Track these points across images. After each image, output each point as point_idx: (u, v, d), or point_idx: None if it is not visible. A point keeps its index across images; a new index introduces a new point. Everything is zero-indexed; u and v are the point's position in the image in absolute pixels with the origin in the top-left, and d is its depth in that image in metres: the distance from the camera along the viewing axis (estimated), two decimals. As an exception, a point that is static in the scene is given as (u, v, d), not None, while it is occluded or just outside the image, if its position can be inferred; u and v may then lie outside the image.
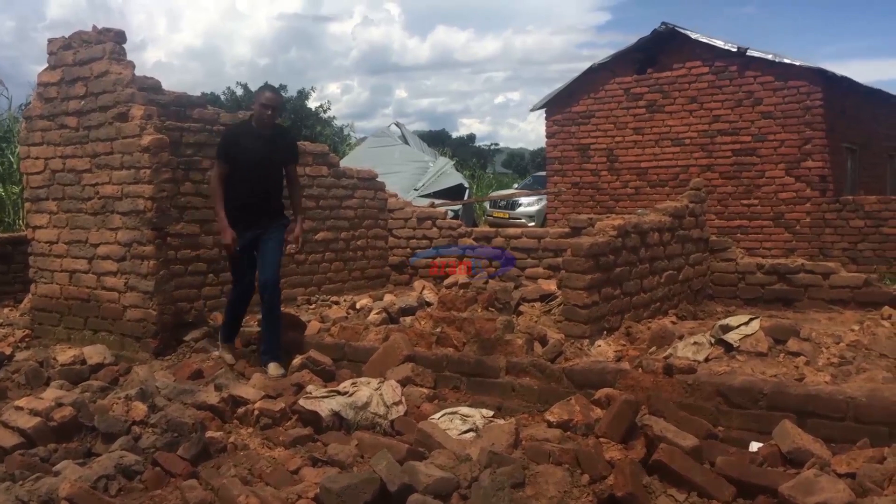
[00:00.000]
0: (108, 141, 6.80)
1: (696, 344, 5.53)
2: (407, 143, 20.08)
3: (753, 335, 5.43)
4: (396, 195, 10.41)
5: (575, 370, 4.86)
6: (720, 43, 13.36)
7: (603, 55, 14.76)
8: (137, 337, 6.65)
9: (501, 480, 3.37)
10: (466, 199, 18.98)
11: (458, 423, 4.42)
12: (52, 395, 4.86)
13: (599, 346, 5.89)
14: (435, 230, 9.67)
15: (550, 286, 7.07)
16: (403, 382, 5.05)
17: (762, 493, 3.34)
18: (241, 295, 6.14)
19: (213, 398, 4.82)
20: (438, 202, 15.02)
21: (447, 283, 8.08)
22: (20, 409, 4.63)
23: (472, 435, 4.25)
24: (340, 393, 4.77)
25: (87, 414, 4.54)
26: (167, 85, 7.06)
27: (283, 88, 28.86)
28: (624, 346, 5.95)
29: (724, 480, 3.46)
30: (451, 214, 12.83)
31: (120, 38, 6.85)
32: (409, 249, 9.77)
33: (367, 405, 4.65)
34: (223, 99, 29.10)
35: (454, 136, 62.81)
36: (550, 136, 15.40)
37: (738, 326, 5.55)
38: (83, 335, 7.04)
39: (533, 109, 15.82)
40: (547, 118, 15.43)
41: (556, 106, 15.29)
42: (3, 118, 18.35)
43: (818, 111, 12.59)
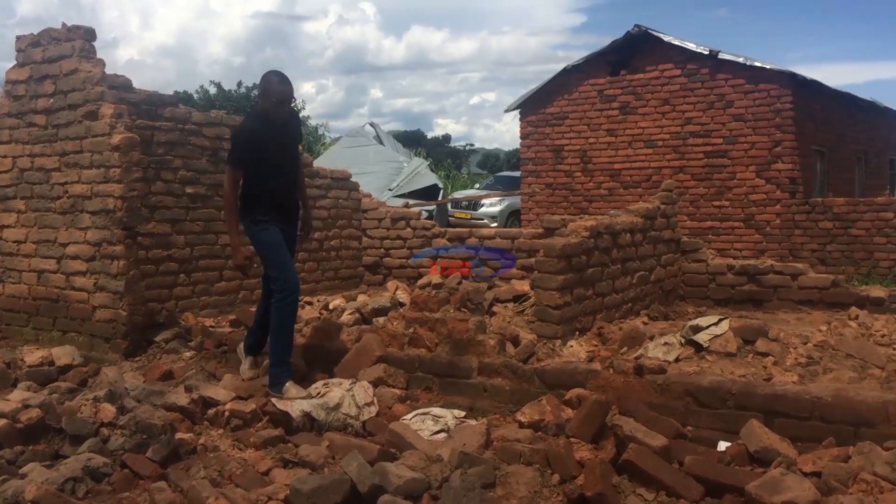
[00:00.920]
0: (77, 139, 6.72)
1: (666, 344, 5.57)
2: (382, 143, 20.08)
3: (723, 335, 5.48)
4: (370, 195, 10.40)
5: (546, 371, 4.88)
6: (692, 46, 13.49)
7: (578, 57, 14.88)
8: (107, 338, 6.58)
9: (472, 481, 3.38)
10: (441, 199, 19.00)
11: (429, 423, 4.42)
12: (19, 396, 4.81)
13: (572, 346, 5.92)
14: (409, 231, 9.67)
15: (524, 287, 7.10)
16: (375, 383, 5.05)
17: (729, 491, 3.38)
18: (293, 294, 5.17)
19: (183, 399, 4.79)
20: (413, 202, 15.02)
21: (420, 283, 8.08)
22: (-14, 410, 4.56)
23: (443, 435, 4.26)
24: (312, 394, 4.76)
25: (54, 416, 4.49)
26: (139, 83, 7.01)
27: (257, 87, 28.73)
28: (596, 346, 5.98)
29: (692, 480, 3.49)
30: (425, 215, 12.83)
31: (90, 35, 6.77)
32: (382, 250, 9.76)
33: (338, 406, 4.64)
34: (196, 98, 28.89)
35: (429, 136, 62.92)
36: (525, 137, 15.47)
37: (707, 327, 5.60)
38: (52, 336, 6.95)
39: (508, 110, 15.88)
40: (521, 119, 15.49)
41: (530, 107, 15.35)
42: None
43: (788, 114, 12.76)
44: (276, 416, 4.59)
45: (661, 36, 13.74)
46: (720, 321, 5.66)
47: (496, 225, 17.92)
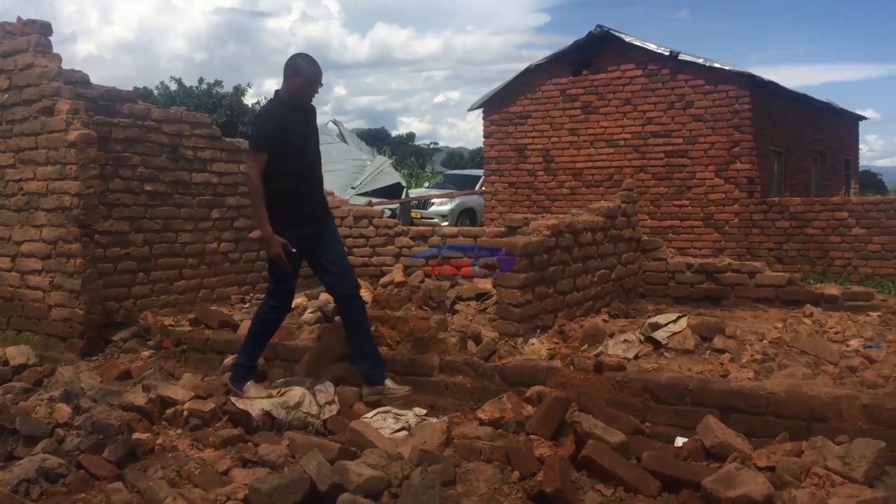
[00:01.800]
0: (32, 136, 6.61)
1: (626, 342, 5.63)
2: (345, 141, 20.01)
3: (681, 333, 5.55)
4: (333, 193, 10.34)
5: (507, 368, 4.91)
6: (653, 46, 13.63)
7: (542, 56, 14.95)
8: (63, 337, 6.48)
9: (432, 478, 3.39)
10: (404, 198, 18.97)
11: (390, 421, 4.42)
12: (-29, 397, 4.71)
13: (533, 344, 5.96)
14: (371, 229, 9.64)
15: (486, 285, 7.12)
16: (337, 382, 5.03)
17: (686, 486, 3.42)
18: (281, 306, 5.10)
19: (140, 399, 4.73)
20: (376, 201, 14.98)
21: (383, 281, 8.07)
22: (-63, 412, 4.47)
23: (404, 434, 4.26)
24: (272, 393, 4.73)
25: (8, 416, 4.40)
26: (98, 79, 6.92)
27: (218, 84, 28.40)
28: (557, 344, 6.02)
29: (649, 475, 3.53)
30: (388, 213, 12.80)
31: (45, 30, 6.66)
32: (345, 248, 9.70)
33: (299, 405, 4.62)
34: (157, 94, 28.49)
35: (393, 134, 62.86)
36: (488, 136, 15.51)
37: (666, 324, 5.67)
38: (6, 335, 6.82)
39: (471, 109, 15.90)
40: (484, 118, 15.54)
41: (493, 106, 15.40)
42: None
43: (746, 115, 12.95)
44: (235, 415, 4.55)
45: (622, 36, 13.86)
46: (679, 319, 5.73)
47: (447, 224, 17.90)
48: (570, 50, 14.42)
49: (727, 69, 13.17)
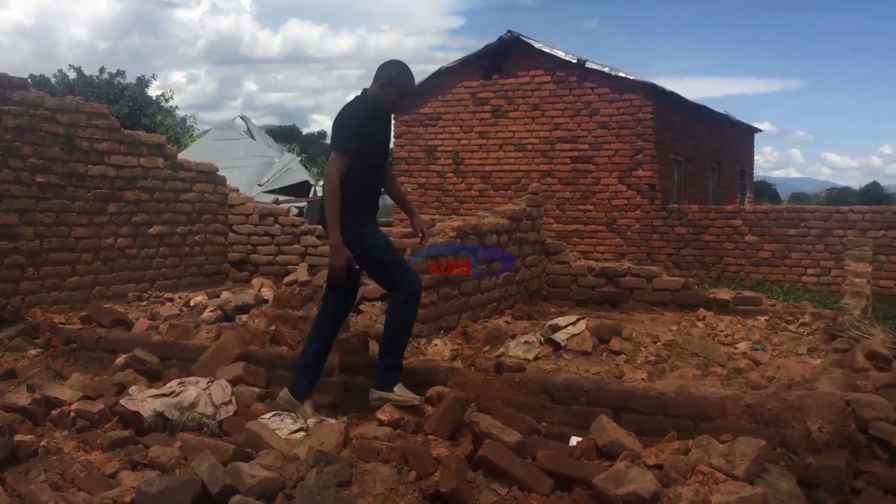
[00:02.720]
0: (-88, 120, 6.25)
1: (527, 343, 5.72)
2: (252, 137, 19.63)
3: (579, 335, 5.67)
4: (238, 190, 10.15)
5: (408, 369, 4.90)
6: (561, 53, 13.90)
7: (455, 58, 15.04)
8: (-57, 334, 6.14)
9: (327, 479, 3.35)
10: (311, 196, 18.76)
11: (288, 422, 4.36)
12: None
13: (436, 345, 5.98)
14: (277, 227, 9.50)
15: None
16: (234, 382, 4.92)
17: (578, 484, 3.49)
18: (335, 320, 4.79)
19: (24, 399, 4.52)
20: (283, 199, 14.77)
21: (286, 280, 7.96)
22: None
23: (302, 434, 4.21)
24: (166, 393, 4.59)
25: None
26: (-14, 64, 6.57)
27: (121, 74, 27.42)
28: (460, 344, 6.07)
29: (543, 474, 3.59)
30: (294, 212, 12.64)
31: (-71, 9, 6.30)
32: (249, 246, 9.54)
33: (194, 405, 4.49)
34: (54, 82, 27.27)
35: (305, 132, 61.94)
36: (398, 136, 15.51)
37: (566, 326, 5.78)
38: None
39: (381, 109, 15.83)
40: (395, 118, 15.51)
41: (404, 106, 15.41)
42: None
43: (649, 123, 13.35)
44: (125, 416, 4.39)
45: (532, 43, 14.08)
46: (578, 321, 5.86)
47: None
48: (481, 53, 14.56)
49: (631, 78, 13.54)
